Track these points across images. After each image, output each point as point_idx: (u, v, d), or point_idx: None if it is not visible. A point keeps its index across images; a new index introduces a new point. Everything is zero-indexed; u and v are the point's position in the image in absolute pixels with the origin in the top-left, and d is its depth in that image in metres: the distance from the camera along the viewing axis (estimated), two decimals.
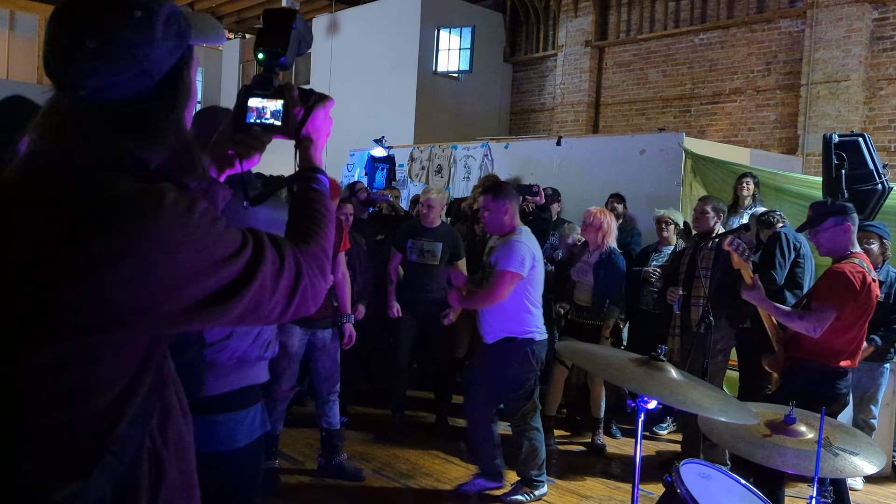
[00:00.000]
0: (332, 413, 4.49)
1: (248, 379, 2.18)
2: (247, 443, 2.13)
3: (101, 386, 1.06)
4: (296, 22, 1.39)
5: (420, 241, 5.52)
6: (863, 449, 2.60)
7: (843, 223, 3.50)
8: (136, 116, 1.11)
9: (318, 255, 1.25)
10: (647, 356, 2.16)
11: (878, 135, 8.05)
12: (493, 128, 12.34)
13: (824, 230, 3.54)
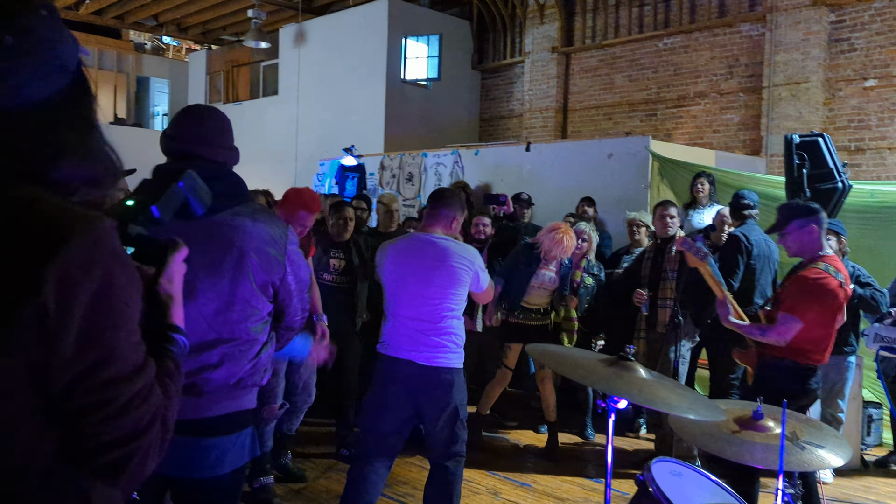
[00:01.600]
0: (296, 420, 4.50)
1: (241, 404, 2.14)
2: (232, 469, 2.10)
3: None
4: (185, 180, 1.37)
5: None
6: (829, 442, 2.65)
7: (807, 225, 3.53)
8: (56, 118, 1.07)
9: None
10: (616, 356, 2.19)
11: (837, 135, 8.23)
12: (463, 135, 12.39)
13: (790, 233, 3.59)
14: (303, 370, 4.35)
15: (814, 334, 3.47)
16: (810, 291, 3.43)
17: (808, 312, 3.41)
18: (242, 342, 2.05)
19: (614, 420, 2.11)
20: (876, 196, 5.89)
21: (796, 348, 3.48)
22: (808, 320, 3.41)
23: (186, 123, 2.17)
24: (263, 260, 2.08)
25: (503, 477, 4.91)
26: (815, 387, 3.58)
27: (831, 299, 3.44)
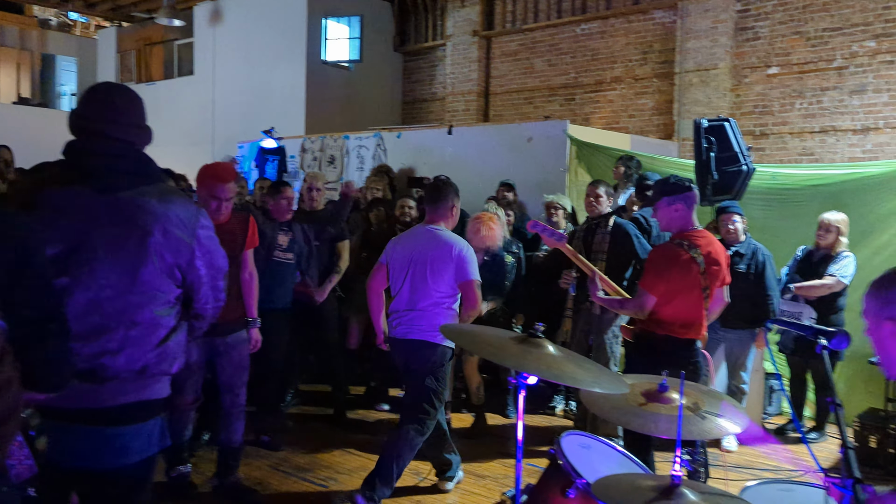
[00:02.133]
0: (234, 429, 4.11)
1: (149, 393, 2.07)
2: (140, 459, 2.05)
3: None
4: None
5: (300, 224, 5.55)
6: (727, 411, 2.79)
7: (674, 203, 3.67)
8: None
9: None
10: (526, 334, 2.25)
11: (743, 120, 8.60)
12: (386, 117, 12.32)
13: (659, 208, 3.75)
14: (226, 365, 4.03)
15: (674, 307, 3.59)
16: (658, 265, 3.60)
17: (657, 285, 3.56)
18: (145, 326, 2.00)
19: (525, 396, 2.17)
20: (777, 178, 6.19)
21: (662, 322, 3.62)
22: (660, 293, 3.56)
23: (95, 101, 2.10)
24: (169, 242, 2.03)
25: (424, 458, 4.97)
26: (685, 360, 3.65)
27: (681, 271, 3.55)
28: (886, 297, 1.88)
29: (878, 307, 1.90)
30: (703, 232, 3.76)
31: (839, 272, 5.15)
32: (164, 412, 2.17)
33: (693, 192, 3.74)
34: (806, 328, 2.08)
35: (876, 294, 1.92)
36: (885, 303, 1.88)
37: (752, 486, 2.74)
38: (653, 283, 3.59)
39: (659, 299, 3.60)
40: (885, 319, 1.86)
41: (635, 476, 2.10)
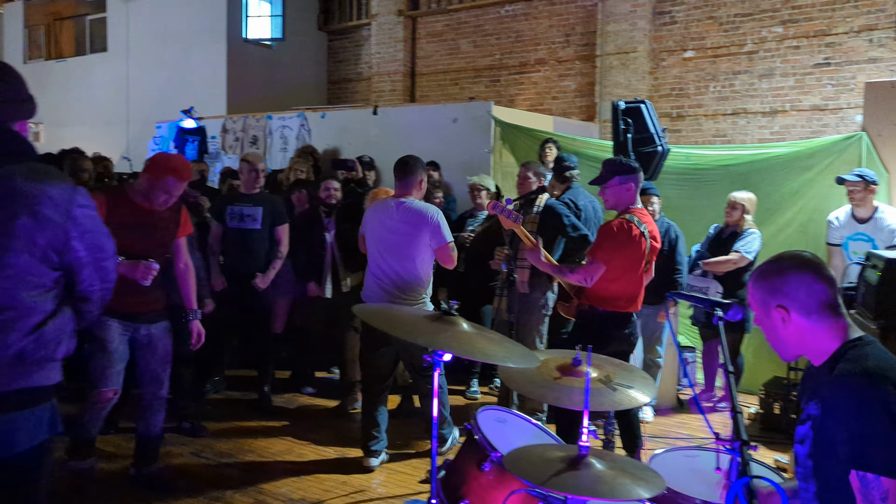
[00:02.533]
0: (155, 421, 3.99)
1: (33, 380, 1.99)
2: (28, 447, 1.98)
3: None
4: None
5: (239, 206, 5.44)
6: (637, 383, 2.90)
7: (626, 182, 3.85)
8: None
9: None
10: (440, 312, 2.28)
11: (662, 102, 8.86)
12: (311, 97, 12.13)
13: (610, 187, 3.89)
14: (149, 357, 3.89)
15: (622, 282, 3.77)
16: (613, 237, 3.73)
17: (610, 257, 3.71)
18: (16, 311, 1.91)
19: (440, 373, 2.20)
20: (691, 159, 6.42)
21: (607, 298, 3.76)
22: (612, 265, 3.71)
23: None
24: (39, 223, 1.93)
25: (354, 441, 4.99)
26: (628, 333, 3.89)
27: (633, 246, 3.74)
28: (772, 285, 1.97)
29: (765, 296, 1.99)
30: (645, 210, 3.95)
31: (744, 248, 5.39)
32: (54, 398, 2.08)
33: (641, 173, 3.93)
34: (703, 301, 2.18)
35: (761, 284, 2.01)
36: (770, 291, 1.98)
37: (659, 454, 2.86)
38: (607, 255, 3.72)
39: (607, 274, 3.73)
40: (773, 308, 1.96)
41: (545, 447, 2.17)
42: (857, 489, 1.79)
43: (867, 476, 1.74)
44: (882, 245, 5.00)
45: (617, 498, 1.95)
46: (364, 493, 4.10)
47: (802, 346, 1.97)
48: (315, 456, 4.66)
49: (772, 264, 2.03)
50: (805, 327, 1.94)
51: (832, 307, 1.94)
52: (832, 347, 1.93)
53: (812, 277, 1.94)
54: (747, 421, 5.48)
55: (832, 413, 1.83)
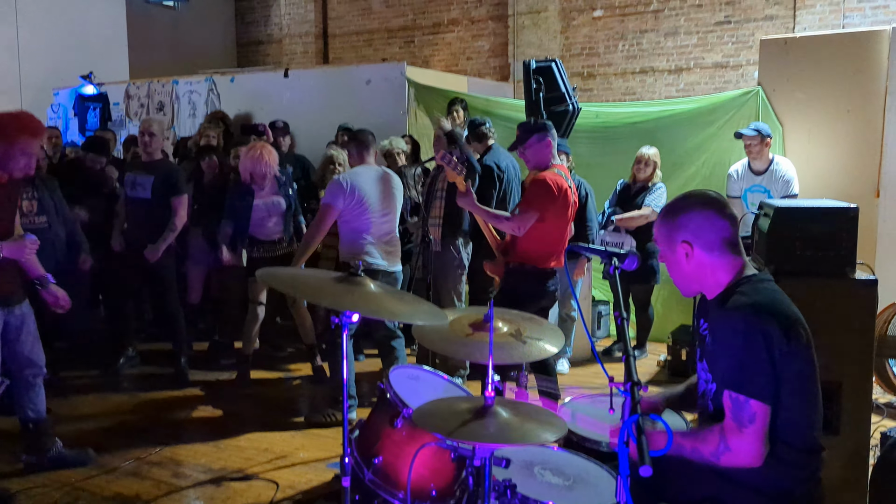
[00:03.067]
0: (39, 400, 3.79)
1: None
2: None
3: None
4: None
5: (133, 174, 5.28)
6: (547, 335, 2.98)
7: (544, 139, 3.96)
8: None
9: None
10: (346, 273, 2.28)
11: (573, 61, 8.99)
12: (219, 61, 11.72)
13: (530, 146, 3.98)
14: (24, 338, 3.67)
15: (550, 238, 3.88)
16: (547, 190, 3.83)
17: (545, 209, 3.82)
18: None
19: (348, 334, 2.21)
20: (600, 117, 6.56)
21: (537, 255, 3.87)
22: (544, 217, 3.81)
23: None
24: None
25: (275, 408, 4.97)
26: (552, 288, 4.03)
27: (563, 201, 3.87)
28: (678, 221, 2.10)
29: (671, 231, 2.11)
30: (563, 166, 4.06)
31: (654, 203, 5.57)
32: None
33: (554, 129, 4.07)
34: (600, 252, 2.26)
35: (668, 220, 2.14)
36: (675, 228, 2.10)
37: (568, 401, 2.97)
38: (541, 206, 3.81)
39: (537, 228, 3.82)
40: (678, 243, 2.08)
41: (453, 400, 2.22)
42: (728, 408, 1.94)
43: (739, 398, 1.90)
44: (777, 195, 5.27)
45: (521, 443, 2.03)
46: (286, 458, 4.11)
47: (701, 281, 2.11)
48: (235, 426, 4.62)
49: (679, 202, 2.15)
50: (706, 262, 2.07)
51: (732, 245, 2.07)
52: (727, 280, 2.06)
53: (716, 215, 2.06)
54: (657, 367, 5.74)
55: (720, 341, 1.98)
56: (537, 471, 2.37)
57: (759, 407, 1.90)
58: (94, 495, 3.65)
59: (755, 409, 1.90)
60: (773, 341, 1.90)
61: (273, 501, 3.58)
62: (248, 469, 3.97)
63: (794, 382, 1.93)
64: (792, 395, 1.93)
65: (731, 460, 1.93)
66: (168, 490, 3.70)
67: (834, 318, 3.06)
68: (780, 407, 1.92)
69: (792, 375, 1.92)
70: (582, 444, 2.58)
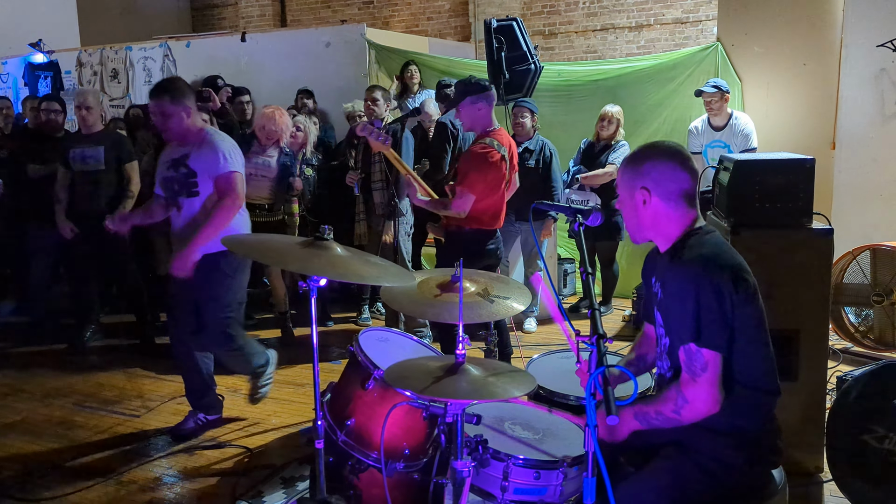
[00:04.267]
0: None
1: None
2: None
3: None
4: None
5: (80, 148, 5.15)
6: (514, 294, 3.02)
7: (477, 102, 3.84)
8: None
9: None
10: (313, 237, 2.27)
11: (534, 20, 8.93)
12: (174, 25, 11.39)
13: (462, 108, 3.90)
14: None
15: (484, 204, 3.87)
16: (477, 165, 3.80)
17: (476, 184, 3.80)
18: None
19: (315, 298, 2.22)
20: (563, 75, 6.56)
21: (473, 217, 3.88)
22: (478, 192, 3.80)
23: None
24: None
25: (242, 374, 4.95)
26: (493, 247, 4.02)
27: (495, 171, 3.84)
28: (639, 169, 2.12)
29: (632, 177, 2.13)
30: (501, 129, 4.00)
31: (618, 160, 5.61)
32: None
33: (492, 91, 3.93)
34: (564, 209, 2.28)
35: (631, 166, 2.16)
36: (637, 174, 2.12)
37: (536, 359, 3.02)
38: (473, 184, 3.77)
39: (476, 197, 3.78)
40: (638, 189, 2.11)
41: (424, 359, 2.25)
42: (682, 361, 2.00)
43: (691, 347, 1.96)
44: (737, 149, 5.35)
45: (492, 398, 2.07)
46: (259, 425, 4.12)
47: (655, 230, 2.14)
48: None
49: (644, 150, 2.17)
50: (661, 211, 2.10)
51: (689, 198, 2.11)
52: (677, 233, 2.10)
53: (678, 166, 2.09)
54: (622, 322, 5.85)
55: (672, 295, 2.03)
56: (507, 426, 2.42)
57: (710, 355, 1.96)
58: (64, 468, 3.63)
59: (707, 357, 1.96)
60: (724, 291, 1.95)
61: (246, 467, 3.59)
62: (220, 437, 3.97)
63: (746, 328, 1.99)
64: (744, 341, 1.99)
65: (691, 412, 1.99)
66: (140, 462, 3.70)
67: (792, 268, 3.15)
68: (734, 352, 1.99)
69: (743, 322, 1.98)
70: (551, 399, 2.64)
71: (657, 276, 2.20)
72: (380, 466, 2.37)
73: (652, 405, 2.07)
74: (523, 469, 2.16)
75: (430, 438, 2.50)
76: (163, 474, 3.58)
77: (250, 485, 3.40)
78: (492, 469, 2.17)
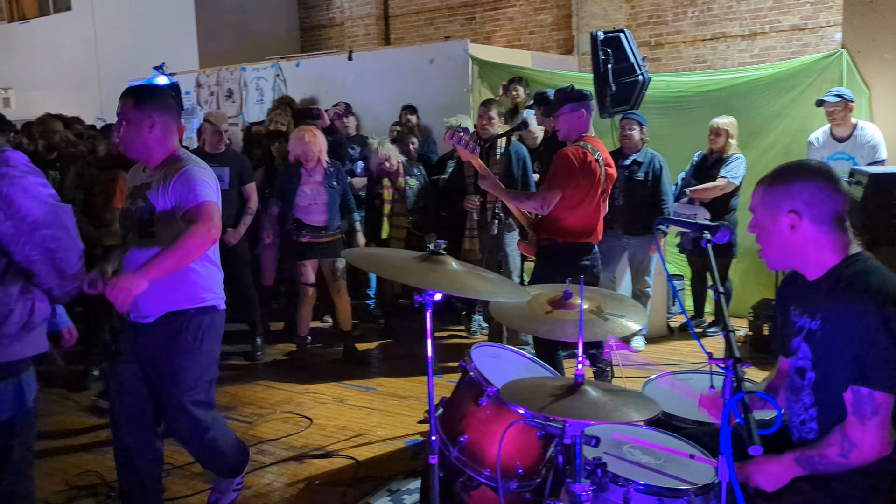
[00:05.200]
0: None
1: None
2: None
3: None
4: None
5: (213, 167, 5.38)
6: (629, 311, 2.92)
7: (577, 109, 3.81)
8: None
9: None
10: (429, 252, 2.27)
11: (640, 31, 8.73)
12: (284, 46, 11.86)
13: (562, 115, 3.86)
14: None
15: (577, 214, 3.75)
16: (568, 164, 3.70)
17: (567, 184, 3.69)
18: None
19: (431, 313, 2.21)
20: (671, 87, 6.37)
21: (565, 229, 3.77)
22: (567, 194, 3.69)
23: None
24: None
25: (348, 385, 5.04)
26: (588, 263, 3.84)
27: (588, 173, 3.71)
28: (787, 190, 1.94)
29: (778, 199, 1.94)
30: (596, 138, 3.92)
31: (730, 174, 5.39)
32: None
33: (592, 101, 3.90)
34: (691, 224, 2.18)
35: (776, 187, 1.97)
36: (783, 196, 1.94)
37: (652, 379, 2.91)
38: (563, 182, 3.69)
39: (564, 203, 3.71)
40: (784, 212, 1.93)
41: (540, 378, 2.20)
42: (849, 402, 1.83)
43: (861, 391, 1.79)
44: (863, 162, 5.02)
45: (614, 420, 1.99)
46: (364, 436, 4.17)
47: (803, 257, 1.96)
48: (313, 404, 4.71)
49: (791, 169, 1.99)
50: (812, 237, 1.93)
51: (841, 222, 1.94)
52: (832, 262, 1.94)
53: (832, 188, 1.92)
54: (737, 343, 5.57)
55: (836, 332, 1.85)
56: (626, 449, 2.33)
57: (882, 398, 1.79)
58: (181, 471, 3.78)
59: (879, 400, 1.79)
60: (893, 325, 1.79)
61: (354, 478, 3.63)
62: (328, 446, 4.04)
63: None
64: None
65: (860, 456, 1.83)
66: (252, 467, 3.81)
67: None
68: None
69: None
70: (669, 423, 2.53)
71: (803, 306, 2.03)
72: (493, 485, 2.33)
73: (815, 450, 1.91)
74: (645, 496, 2.06)
75: (545, 459, 2.44)
76: (273, 481, 3.67)
77: (358, 495, 3.43)
78: (611, 494, 2.08)
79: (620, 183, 5.15)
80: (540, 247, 3.94)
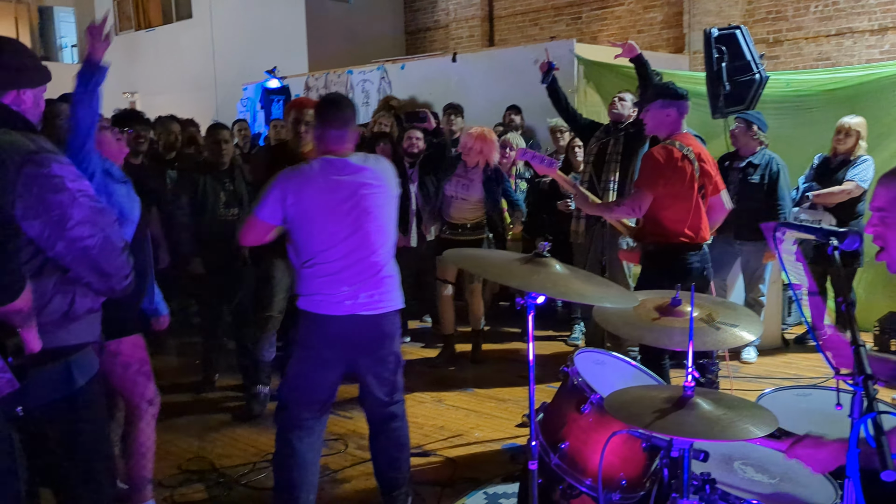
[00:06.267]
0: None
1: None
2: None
3: None
4: None
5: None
6: (742, 321, 2.76)
7: (667, 107, 3.64)
8: None
9: None
10: (532, 254, 2.23)
11: (757, 27, 8.32)
12: (389, 49, 12.07)
13: (651, 109, 3.71)
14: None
15: (674, 210, 3.58)
16: (654, 163, 3.55)
17: (655, 184, 3.53)
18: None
19: (533, 315, 2.16)
20: (791, 85, 6.03)
21: (667, 231, 3.59)
22: (659, 193, 3.53)
23: None
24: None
25: (447, 386, 5.05)
26: (694, 264, 3.61)
27: (676, 169, 3.53)
28: None
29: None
30: (688, 135, 3.74)
31: (858, 177, 5.05)
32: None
33: (687, 102, 3.71)
34: (816, 230, 2.03)
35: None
36: None
37: (768, 393, 2.75)
38: (651, 182, 3.56)
39: (659, 203, 3.57)
40: None
41: (647, 388, 2.11)
42: None
43: None
44: None
45: (727, 438, 1.88)
46: (462, 437, 4.16)
47: None
48: (411, 402, 4.72)
49: None
50: None
51: None
52: None
53: None
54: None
55: None
56: (737, 466, 2.20)
57: None
58: None
59: None
60: None
61: (451, 478, 3.62)
62: (425, 445, 4.06)
63: None
64: None
65: None
66: (353, 461, 3.87)
67: None
68: None
69: None
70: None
71: None
72: (594, 494, 2.26)
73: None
74: None
75: (649, 471, 2.35)
76: (372, 475, 3.71)
77: (454, 496, 3.42)
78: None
79: (734, 186, 4.92)
80: (645, 252, 3.81)
